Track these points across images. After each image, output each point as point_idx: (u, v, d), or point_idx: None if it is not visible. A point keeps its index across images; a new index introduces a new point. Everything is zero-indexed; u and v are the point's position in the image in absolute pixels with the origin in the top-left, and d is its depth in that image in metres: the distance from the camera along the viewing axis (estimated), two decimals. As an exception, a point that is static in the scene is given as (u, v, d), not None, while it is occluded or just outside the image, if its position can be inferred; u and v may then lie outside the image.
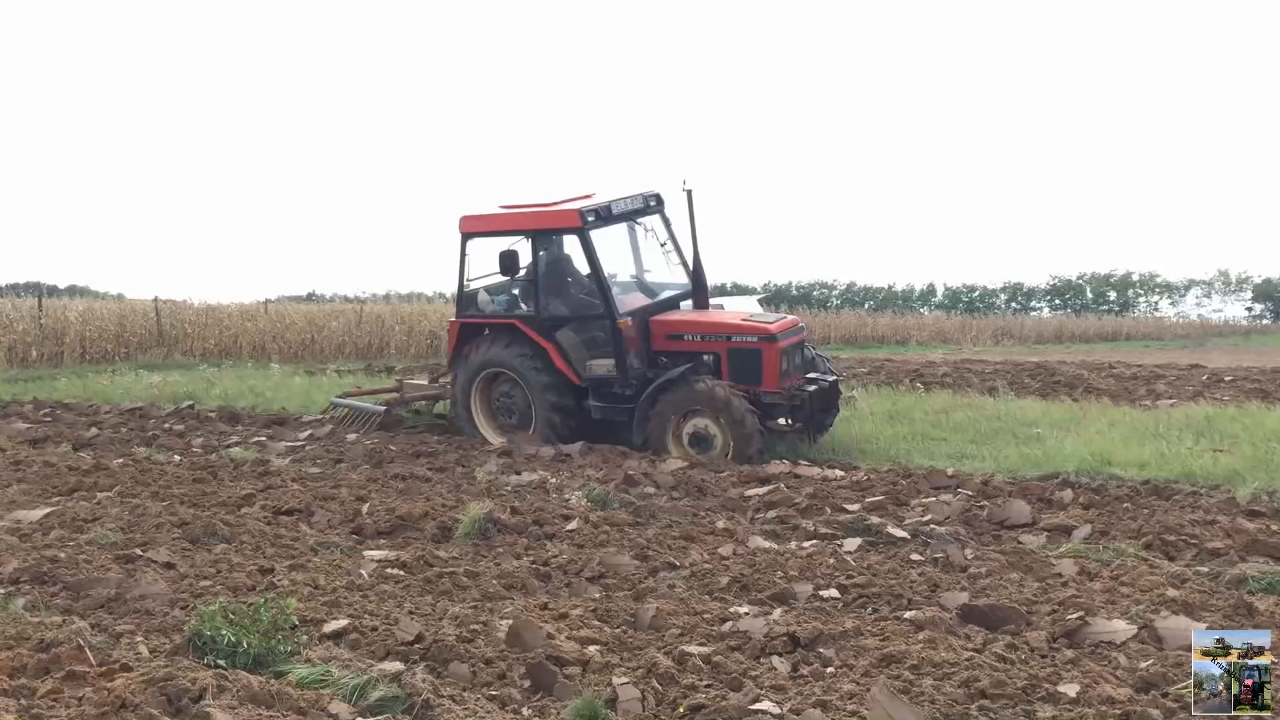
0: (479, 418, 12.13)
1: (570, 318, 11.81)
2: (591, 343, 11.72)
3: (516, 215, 12.05)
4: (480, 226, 12.13)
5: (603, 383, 11.46)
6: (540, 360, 11.53)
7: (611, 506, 8.47)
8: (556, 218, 11.79)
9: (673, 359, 11.40)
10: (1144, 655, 4.93)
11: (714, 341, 11.40)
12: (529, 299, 12.01)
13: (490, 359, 11.83)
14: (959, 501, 8.36)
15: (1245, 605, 5.51)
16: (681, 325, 11.77)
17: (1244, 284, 62.37)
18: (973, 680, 4.56)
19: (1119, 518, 7.78)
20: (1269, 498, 8.34)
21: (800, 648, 5.16)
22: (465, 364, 12.08)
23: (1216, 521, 7.44)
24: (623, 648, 5.24)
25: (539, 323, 11.62)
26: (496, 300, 12.33)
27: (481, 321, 12.22)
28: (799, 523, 7.95)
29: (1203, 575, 6.23)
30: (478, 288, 12.41)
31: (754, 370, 11.08)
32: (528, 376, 11.56)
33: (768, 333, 11.26)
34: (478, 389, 12.06)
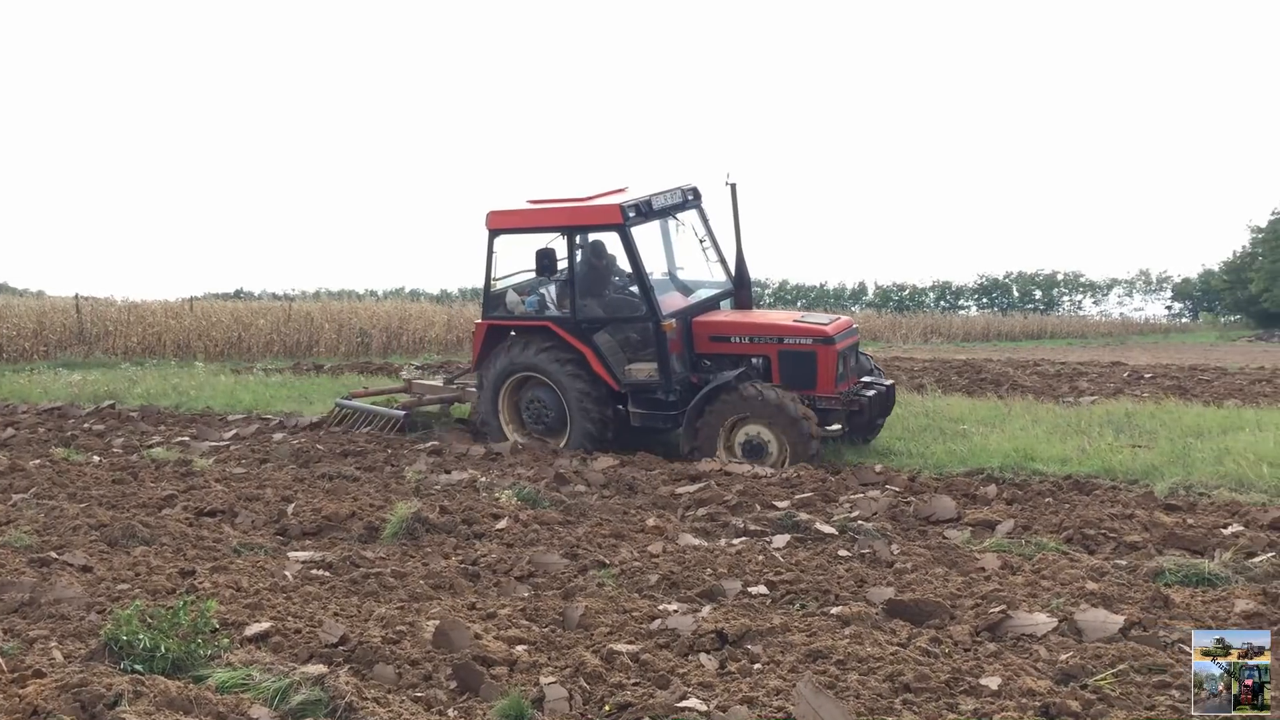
0: (506, 424, 11.52)
1: (608, 319, 11.14)
2: (630, 346, 11.08)
3: (550, 210, 11.35)
4: (510, 223, 11.46)
5: (643, 388, 10.83)
6: (576, 365, 10.92)
7: (542, 505, 8.43)
8: (595, 213, 11.10)
9: (717, 362, 10.91)
10: (1064, 647, 5.02)
11: (764, 344, 10.76)
12: (563, 299, 11.32)
13: (521, 363, 11.17)
14: (886, 498, 8.44)
15: (1162, 597, 5.63)
16: (728, 327, 11.14)
17: (1164, 283, 63.91)
18: (897, 674, 4.60)
19: (1041, 512, 7.92)
20: (1185, 492, 8.54)
21: (728, 644, 5.18)
22: (492, 367, 11.41)
23: (1135, 515, 7.60)
24: (551, 647, 5.22)
25: (575, 325, 10.97)
26: (527, 301, 11.62)
27: (511, 324, 11.54)
28: (729, 520, 7.98)
29: (1121, 568, 6.35)
30: (505, 287, 11.74)
31: (808, 374, 10.51)
32: (563, 382, 10.93)
33: (824, 334, 10.63)
34: (505, 394, 11.43)
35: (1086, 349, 33.12)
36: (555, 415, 11.17)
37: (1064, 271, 62.93)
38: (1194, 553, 6.68)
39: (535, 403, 11.30)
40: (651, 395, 10.78)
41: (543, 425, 11.28)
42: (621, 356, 10.94)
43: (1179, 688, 4.46)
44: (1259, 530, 7.07)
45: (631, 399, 10.88)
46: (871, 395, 10.76)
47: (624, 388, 10.87)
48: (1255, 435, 10.39)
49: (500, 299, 11.65)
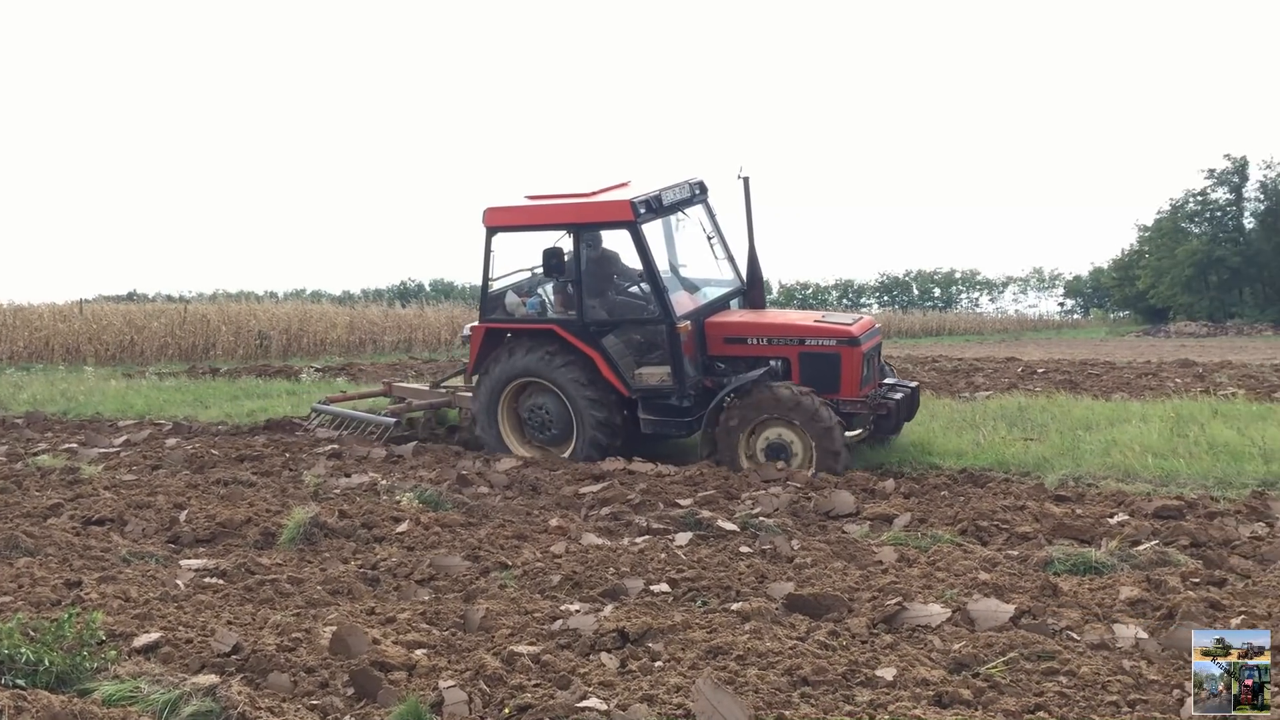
0: (507, 434, 10.89)
1: (617, 322, 10.61)
2: (638, 349, 10.54)
3: (555, 207, 10.73)
4: (509, 220, 10.86)
5: (655, 394, 10.26)
6: (584, 370, 10.30)
7: (444, 507, 8.35)
8: (604, 210, 10.46)
9: (731, 365, 10.41)
10: (957, 637, 5.12)
11: (783, 345, 10.21)
12: (567, 301, 10.73)
13: (523, 368, 10.55)
14: (788, 494, 8.53)
15: (1051, 586, 5.78)
16: (744, 328, 10.55)
17: (1056, 281, 65.85)
18: (795, 668, 4.65)
19: (937, 505, 8.09)
20: (1075, 483, 8.81)
21: (630, 643, 5.18)
22: (491, 373, 10.78)
23: (1026, 507, 7.80)
24: (451, 650, 5.16)
25: (582, 328, 10.37)
26: (529, 302, 11.07)
27: (511, 327, 10.94)
28: (632, 519, 7.99)
29: (1013, 558, 6.52)
30: (504, 288, 11.17)
31: (831, 377, 9.94)
32: (569, 389, 10.32)
33: (849, 335, 10.09)
34: (505, 401, 10.83)
35: (983, 345, 33.98)
36: (560, 423, 10.55)
37: (962, 270, 64.55)
38: (1082, 542, 6.88)
39: (538, 410, 10.65)
40: (664, 401, 10.24)
41: (547, 434, 10.67)
42: (630, 360, 10.40)
43: (1066, 674, 4.58)
44: (1143, 519, 7.32)
45: (642, 405, 10.33)
46: (899, 398, 10.33)
47: (634, 393, 10.31)
48: (1141, 427, 10.74)
49: (499, 300, 11.08)
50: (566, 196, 10.78)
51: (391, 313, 40.02)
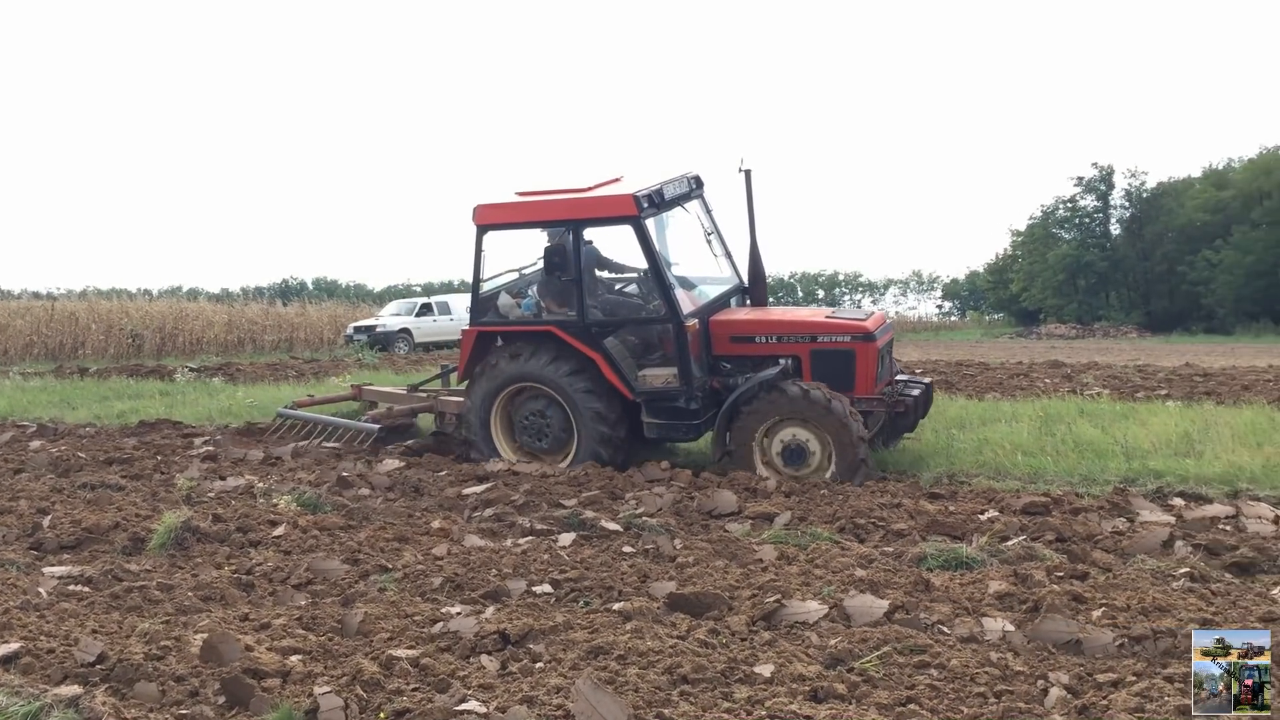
0: (500, 441, 10.38)
1: (620, 322, 10.21)
2: (638, 350, 10.15)
3: (551, 203, 10.22)
4: (502, 217, 10.36)
5: (660, 396, 9.82)
6: (586, 373, 9.85)
7: (323, 510, 8.20)
8: (604, 205, 10.01)
9: (737, 364, 10.03)
10: (833, 633, 5.22)
11: (794, 343, 9.81)
12: (565, 301, 10.26)
13: (520, 373, 10.05)
14: (671, 494, 8.59)
15: (924, 581, 5.93)
16: (752, 325, 10.14)
17: (935, 283, 67.61)
18: (675, 666, 4.68)
19: (817, 504, 8.22)
20: (948, 480, 9.07)
21: (511, 645, 5.15)
22: (485, 378, 10.25)
23: (902, 504, 7.99)
24: (327, 656, 5.07)
25: (583, 329, 9.92)
26: (524, 304, 10.63)
27: (506, 330, 10.45)
28: (516, 520, 7.95)
29: (888, 555, 6.67)
30: (497, 289, 10.73)
31: (844, 374, 9.59)
32: (570, 393, 9.85)
33: (864, 330, 9.75)
34: (499, 407, 10.34)
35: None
36: (558, 429, 10.07)
37: (844, 272, 65.79)
38: (954, 538, 7.07)
39: (534, 416, 10.17)
40: (670, 403, 9.79)
41: (545, 441, 10.16)
42: (631, 362, 9.98)
43: (937, 667, 4.71)
44: (1012, 515, 7.56)
45: (647, 408, 9.87)
46: (917, 394, 10.03)
47: (638, 396, 9.86)
48: (1011, 426, 11.10)
49: (491, 302, 10.62)
50: (562, 192, 10.33)
51: (272, 311, 39.19)
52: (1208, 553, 6.56)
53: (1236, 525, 7.26)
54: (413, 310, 37.33)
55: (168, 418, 13.85)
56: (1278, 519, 7.37)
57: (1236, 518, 7.40)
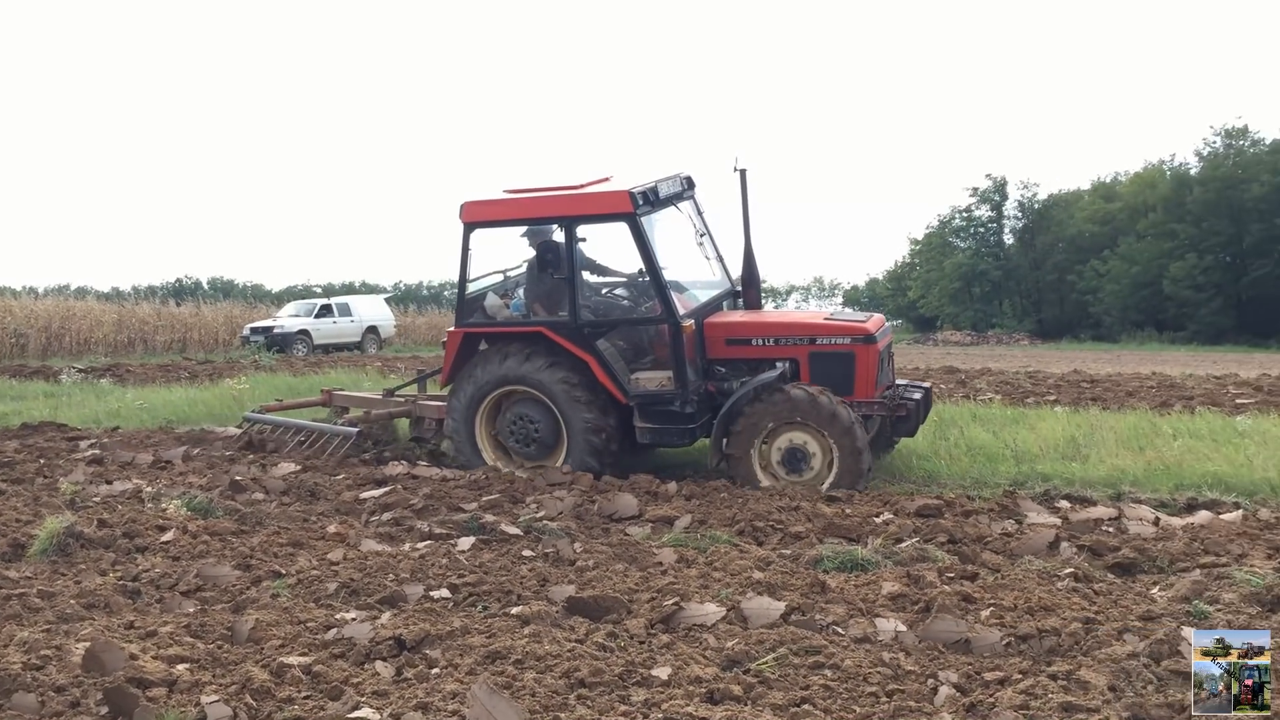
0: (484, 446, 10.07)
1: (613, 323, 9.91)
2: (629, 353, 9.86)
3: (545, 200, 9.89)
4: (491, 214, 9.99)
5: (654, 400, 9.55)
6: (577, 376, 9.56)
7: (214, 515, 8.00)
8: (599, 202, 9.67)
9: (732, 368, 9.79)
10: (731, 635, 5.26)
11: (791, 346, 9.59)
12: (554, 302, 9.99)
13: (507, 375, 9.74)
14: (572, 497, 8.57)
15: (820, 583, 6.01)
16: (748, 328, 9.90)
17: (836, 290, 68.69)
18: (573, 670, 4.68)
19: (717, 507, 8.28)
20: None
21: (406, 650, 5.09)
22: (470, 381, 9.93)
23: (800, 508, 8.08)
24: (216, 664, 4.95)
25: (575, 330, 9.60)
26: (512, 304, 10.28)
27: (494, 331, 10.09)
28: (414, 524, 7.86)
29: (786, 557, 6.75)
30: (484, 289, 10.38)
31: (844, 377, 9.36)
32: (560, 396, 9.56)
33: (864, 332, 9.53)
34: (484, 412, 10.01)
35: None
36: (546, 435, 9.79)
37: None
38: (850, 540, 7.19)
39: (521, 421, 9.86)
40: (664, 407, 9.52)
41: (532, 446, 9.87)
42: (623, 365, 9.71)
43: (831, 667, 4.77)
44: (907, 518, 7.70)
45: (640, 412, 9.57)
46: (918, 399, 9.80)
47: (631, 400, 9.59)
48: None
49: (477, 303, 10.27)
50: (553, 189, 10.03)
51: (165, 311, 38.21)
52: (1091, 553, 6.77)
53: (1119, 527, 7.51)
54: (312, 311, 36.71)
55: (52, 420, 13.40)
56: (1158, 520, 7.65)
57: (1119, 519, 7.65)
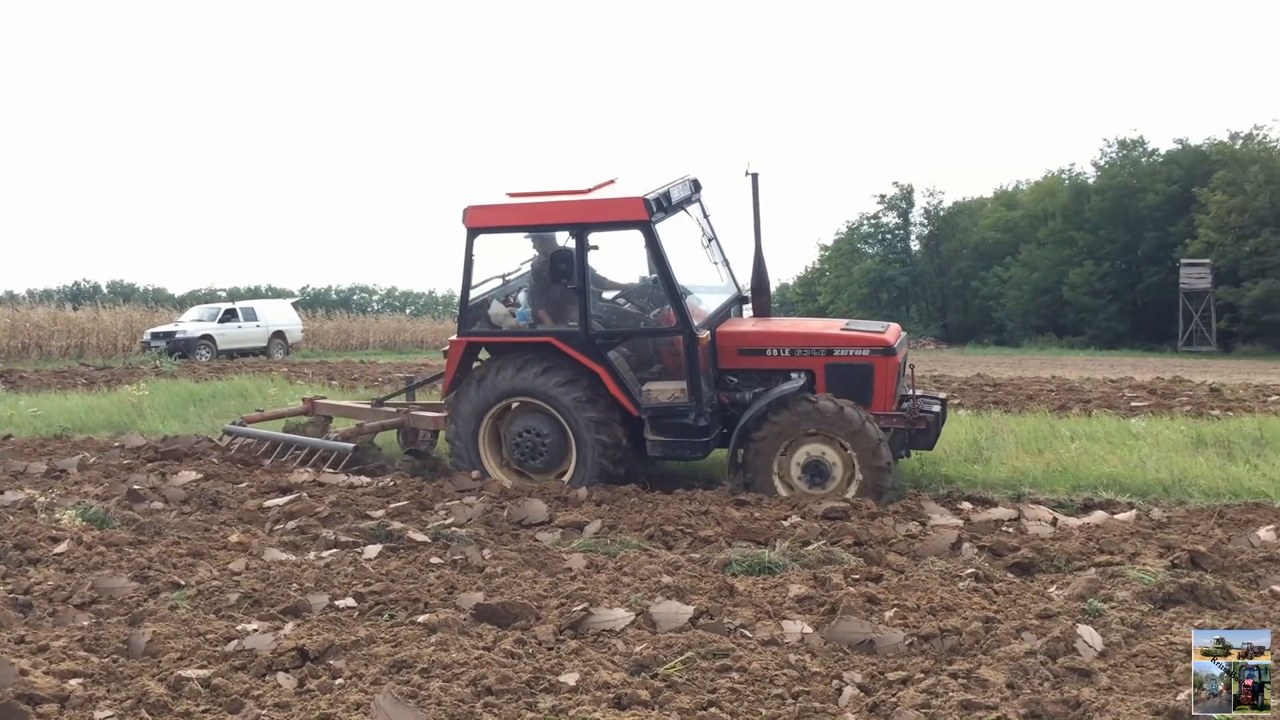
0: (488, 460, 9.77)
1: (626, 333, 9.68)
2: (636, 363, 9.63)
3: (554, 205, 9.58)
4: (498, 220, 9.69)
5: (667, 412, 9.28)
6: (588, 388, 9.29)
7: (111, 525, 7.78)
8: (611, 208, 9.38)
9: (744, 378, 9.58)
10: (639, 639, 5.26)
11: (808, 356, 9.37)
12: (560, 310, 9.76)
13: (514, 387, 9.45)
14: (482, 503, 8.52)
15: (728, 586, 6.04)
16: (763, 337, 9.62)
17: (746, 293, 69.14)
18: (480, 678, 4.63)
19: (627, 512, 8.29)
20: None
21: (310, 661, 4.99)
22: (475, 391, 9.62)
23: (710, 512, 8.13)
24: (111, 678, 4.80)
25: (585, 340, 9.33)
26: (518, 313, 9.92)
27: (500, 340, 9.78)
28: (320, 532, 7.73)
29: (695, 561, 6.77)
30: (489, 297, 10.07)
31: (862, 389, 9.16)
32: (570, 409, 9.28)
33: (884, 344, 9.30)
34: (488, 425, 9.71)
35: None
36: (554, 448, 9.52)
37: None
38: (758, 544, 7.25)
39: (527, 434, 9.59)
40: (677, 420, 9.26)
41: (539, 459, 9.60)
42: (633, 376, 9.48)
43: (738, 670, 4.80)
44: (813, 520, 7.79)
45: (651, 425, 9.33)
46: (936, 411, 9.63)
47: (643, 412, 9.34)
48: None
49: (481, 311, 9.93)
50: (561, 194, 9.73)
51: (61, 315, 37.11)
52: (992, 554, 6.92)
53: (1018, 527, 7.70)
54: (216, 316, 35.97)
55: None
56: (1055, 521, 7.85)
57: (1018, 520, 7.84)
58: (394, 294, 64.43)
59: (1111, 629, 5.27)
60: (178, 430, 13.49)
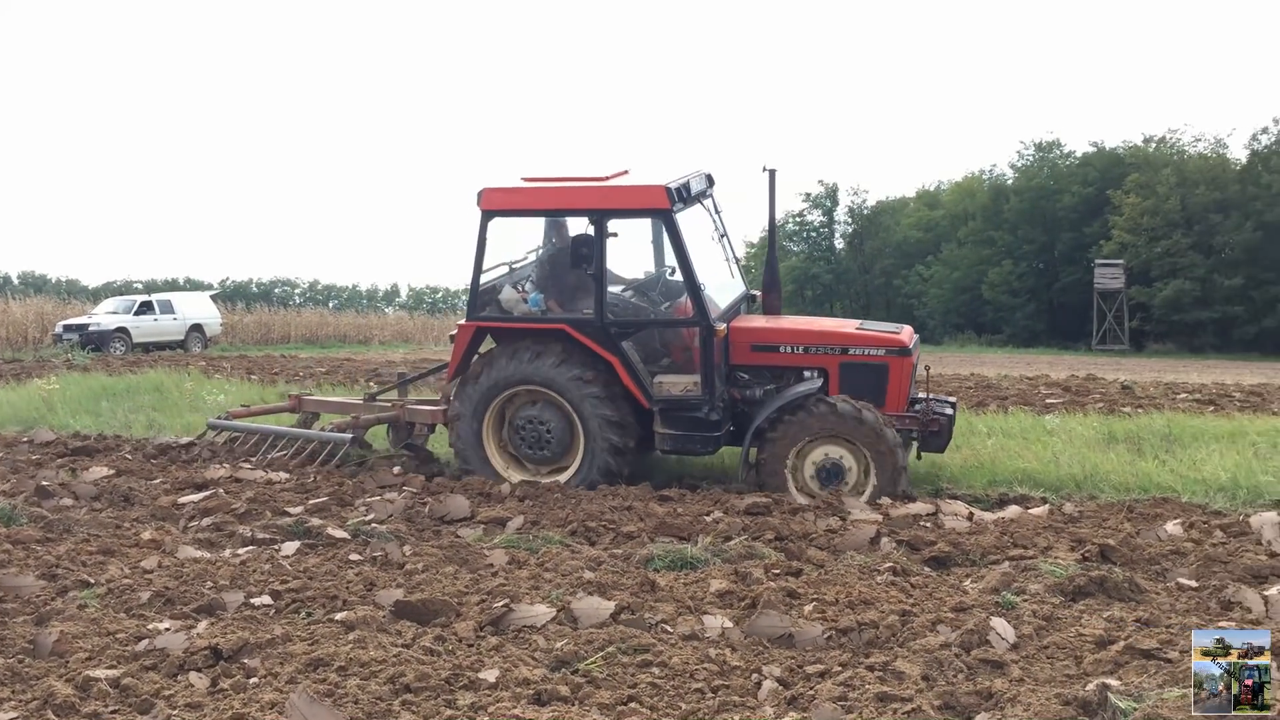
0: (493, 453, 9.46)
1: (642, 323, 9.45)
2: (646, 357, 9.36)
3: (574, 191, 9.41)
4: (515, 203, 9.45)
5: (678, 405, 9.07)
6: (600, 378, 9.06)
7: (18, 522, 7.56)
8: (635, 195, 9.21)
9: (754, 375, 9.37)
10: (560, 635, 5.25)
11: (822, 355, 9.23)
12: (568, 297, 9.58)
13: (524, 375, 9.16)
14: (403, 499, 8.44)
15: (650, 582, 6.06)
16: (777, 334, 9.45)
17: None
18: (398, 675, 4.60)
19: (549, 508, 8.27)
20: (678, 483, 9.30)
21: (223, 660, 4.91)
22: (482, 378, 9.30)
23: (633, 507, 8.14)
24: (16, 679, 4.69)
25: (600, 329, 9.08)
26: (530, 299, 9.55)
27: (511, 327, 9.46)
28: (236, 529, 7.59)
29: (617, 557, 6.78)
30: (500, 281, 9.78)
31: (875, 390, 9.04)
32: (580, 400, 9.04)
33: (899, 344, 9.21)
34: (493, 412, 9.41)
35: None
36: (559, 440, 9.28)
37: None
38: (681, 539, 7.27)
39: (531, 424, 9.33)
40: (688, 414, 9.06)
41: (545, 449, 9.34)
42: (644, 368, 9.21)
43: (659, 665, 4.82)
44: (736, 516, 7.83)
45: (661, 418, 9.10)
46: (949, 413, 9.54)
47: (655, 404, 9.11)
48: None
49: (492, 295, 9.61)
50: (579, 180, 9.52)
51: (-33, 307, 36.02)
52: (909, 548, 7.03)
53: (935, 522, 7.81)
54: (131, 308, 35.11)
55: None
56: (971, 515, 7.99)
57: (936, 515, 7.95)
58: (316, 288, 63.60)
59: (1024, 621, 5.38)
60: (89, 426, 13.16)
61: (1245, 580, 6.31)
